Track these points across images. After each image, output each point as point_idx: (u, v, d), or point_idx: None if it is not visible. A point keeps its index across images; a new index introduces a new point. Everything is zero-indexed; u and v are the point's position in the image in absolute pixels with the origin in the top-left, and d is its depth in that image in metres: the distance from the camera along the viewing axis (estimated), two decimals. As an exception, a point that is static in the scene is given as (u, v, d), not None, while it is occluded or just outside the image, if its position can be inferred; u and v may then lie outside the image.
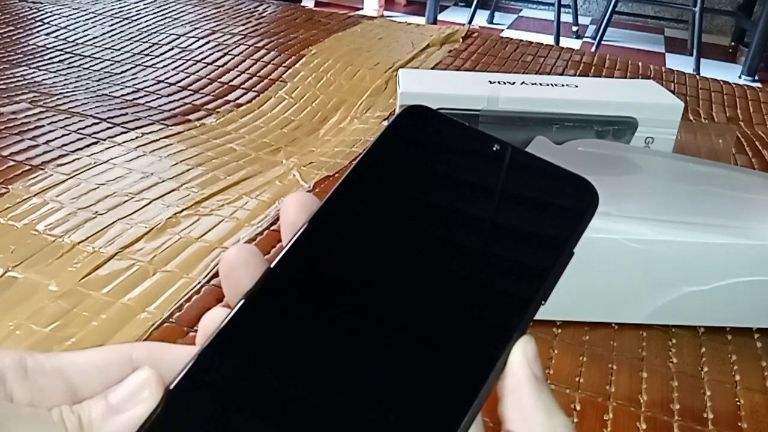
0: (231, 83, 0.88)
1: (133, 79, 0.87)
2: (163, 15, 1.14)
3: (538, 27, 2.79)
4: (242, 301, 0.19)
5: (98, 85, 0.84)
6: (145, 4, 1.20)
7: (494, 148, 0.22)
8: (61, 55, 0.94)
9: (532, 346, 0.19)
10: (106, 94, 0.81)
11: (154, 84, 0.86)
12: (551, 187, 0.22)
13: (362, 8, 2.71)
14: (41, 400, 0.18)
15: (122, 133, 0.70)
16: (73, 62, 0.92)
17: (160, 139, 0.69)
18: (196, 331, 0.43)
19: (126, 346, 0.20)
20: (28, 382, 0.18)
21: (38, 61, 0.91)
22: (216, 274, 0.49)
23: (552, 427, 0.19)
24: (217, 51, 0.98)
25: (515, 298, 0.20)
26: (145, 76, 0.88)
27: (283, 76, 0.90)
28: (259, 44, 1.02)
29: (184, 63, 0.93)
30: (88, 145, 0.66)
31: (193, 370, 0.18)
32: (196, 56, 0.96)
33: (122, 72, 0.89)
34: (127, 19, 1.11)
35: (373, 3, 2.72)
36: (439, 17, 2.71)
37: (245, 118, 0.78)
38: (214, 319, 0.19)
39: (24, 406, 0.17)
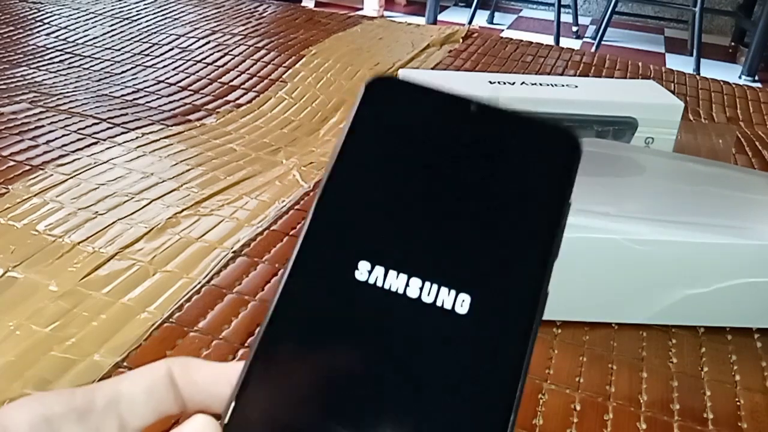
0: (231, 83, 0.88)
1: (133, 79, 0.87)
2: (163, 15, 1.14)
3: (538, 27, 2.79)
4: (264, 329, 0.18)
5: (98, 85, 0.84)
6: (145, 4, 1.20)
7: (472, 109, 0.21)
8: (61, 55, 0.94)
9: None
10: (106, 94, 0.81)
11: (154, 84, 0.86)
12: (535, 142, 0.21)
13: (362, 8, 2.71)
14: None
15: (122, 133, 0.70)
16: (73, 62, 0.92)
17: (160, 139, 0.69)
18: (196, 331, 0.43)
19: (165, 364, 0.19)
20: (83, 425, 0.18)
21: (38, 61, 0.91)
22: (216, 274, 0.49)
23: None
24: (217, 51, 0.98)
25: (529, 263, 0.19)
26: (145, 76, 0.88)
27: (283, 76, 0.90)
28: (259, 44, 1.02)
29: (184, 63, 0.93)
30: (88, 145, 0.66)
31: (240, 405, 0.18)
32: (196, 56, 0.96)
33: (122, 72, 0.89)
34: (127, 19, 1.11)
35: (373, 3, 2.72)
36: (439, 17, 2.71)
37: (245, 118, 0.78)
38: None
39: None
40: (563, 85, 0.63)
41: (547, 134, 0.21)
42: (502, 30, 2.71)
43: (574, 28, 2.68)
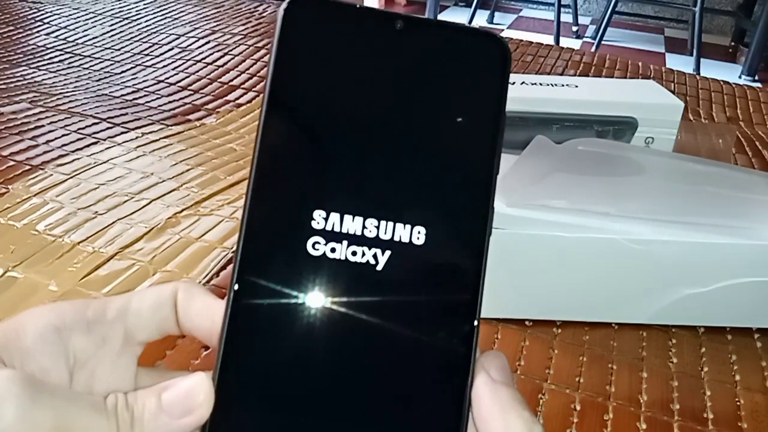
0: (231, 83, 0.88)
1: (133, 79, 0.87)
2: (163, 15, 1.14)
3: (538, 27, 2.79)
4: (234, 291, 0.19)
5: (98, 85, 0.84)
6: (145, 4, 1.20)
7: (398, 26, 0.20)
8: (61, 55, 0.94)
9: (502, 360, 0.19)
10: (106, 94, 0.80)
11: (154, 84, 0.86)
12: (466, 51, 0.20)
13: (362, 8, 2.71)
14: (102, 349, 0.19)
15: (122, 133, 0.70)
16: (73, 62, 0.92)
17: (160, 139, 0.69)
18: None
19: (174, 286, 0.20)
20: (91, 335, 0.19)
21: (38, 61, 0.91)
22: (216, 274, 0.49)
23: (507, 424, 0.18)
24: (217, 51, 0.98)
25: (475, 184, 0.20)
26: (145, 76, 0.88)
27: (283, 76, 0.90)
28: (259, 44, 1.02)
29: (184, 63, 0.93)
30: (88, 145, 0.66)
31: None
32: (196, 56, 0.96)
33: (122, 72, 0.89)
34: (127, 19, 1.11)
35: (373, 3, 2.72)
36: (439, 17, 2.71)
37: (245, 118, 0.78)
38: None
39: (85, 395, 0.17)
40: (563, 85, 0.63)
41: (475, 41, 0.20)
42: (502, 30, 2.71)
43: (574, 28, 2.68)
